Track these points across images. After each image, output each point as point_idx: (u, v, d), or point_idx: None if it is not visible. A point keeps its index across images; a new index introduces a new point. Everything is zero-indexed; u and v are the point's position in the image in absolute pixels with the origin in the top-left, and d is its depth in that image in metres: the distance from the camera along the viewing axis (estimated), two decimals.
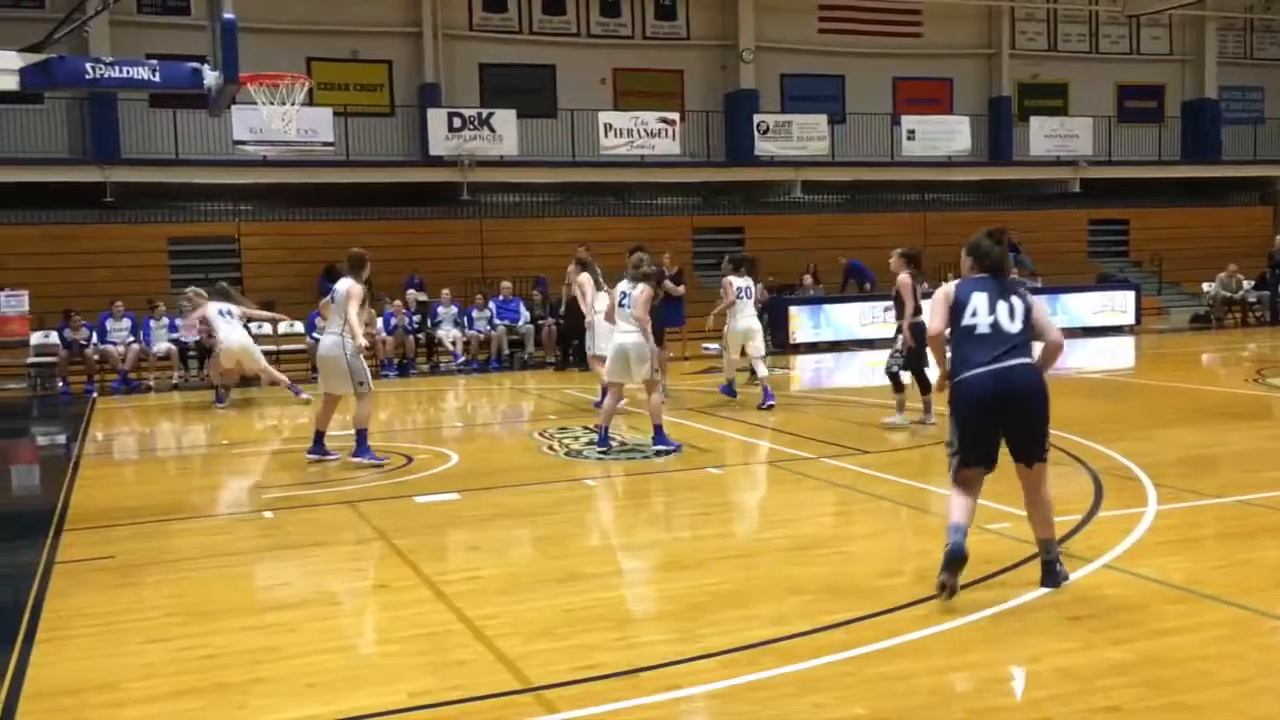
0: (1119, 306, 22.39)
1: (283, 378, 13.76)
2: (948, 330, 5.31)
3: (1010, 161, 27.16)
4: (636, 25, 25.47)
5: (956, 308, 5.25)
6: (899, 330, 10.80)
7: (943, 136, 25.77)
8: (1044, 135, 26.65)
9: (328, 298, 9.78)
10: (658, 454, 9.42)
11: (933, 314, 5.41)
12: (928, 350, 6.74)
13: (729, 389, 13.04)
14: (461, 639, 4.86)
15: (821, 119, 24.85)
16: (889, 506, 7.44)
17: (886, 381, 10.95)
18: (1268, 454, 9.08)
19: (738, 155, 25.02)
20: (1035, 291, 16.43)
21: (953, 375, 5.28)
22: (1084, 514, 6.71)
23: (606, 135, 23.38)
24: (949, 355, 5.34)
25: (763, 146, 24.53)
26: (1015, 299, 5.25)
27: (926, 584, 5.30)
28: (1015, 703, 4.17)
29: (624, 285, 9.68)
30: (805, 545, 6.48)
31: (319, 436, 9.58)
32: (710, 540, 6.70)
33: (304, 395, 12.70)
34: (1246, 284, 23.08)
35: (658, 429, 9.66)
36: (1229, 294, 22.90)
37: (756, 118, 24.68)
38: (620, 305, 9.65)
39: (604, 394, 10.30)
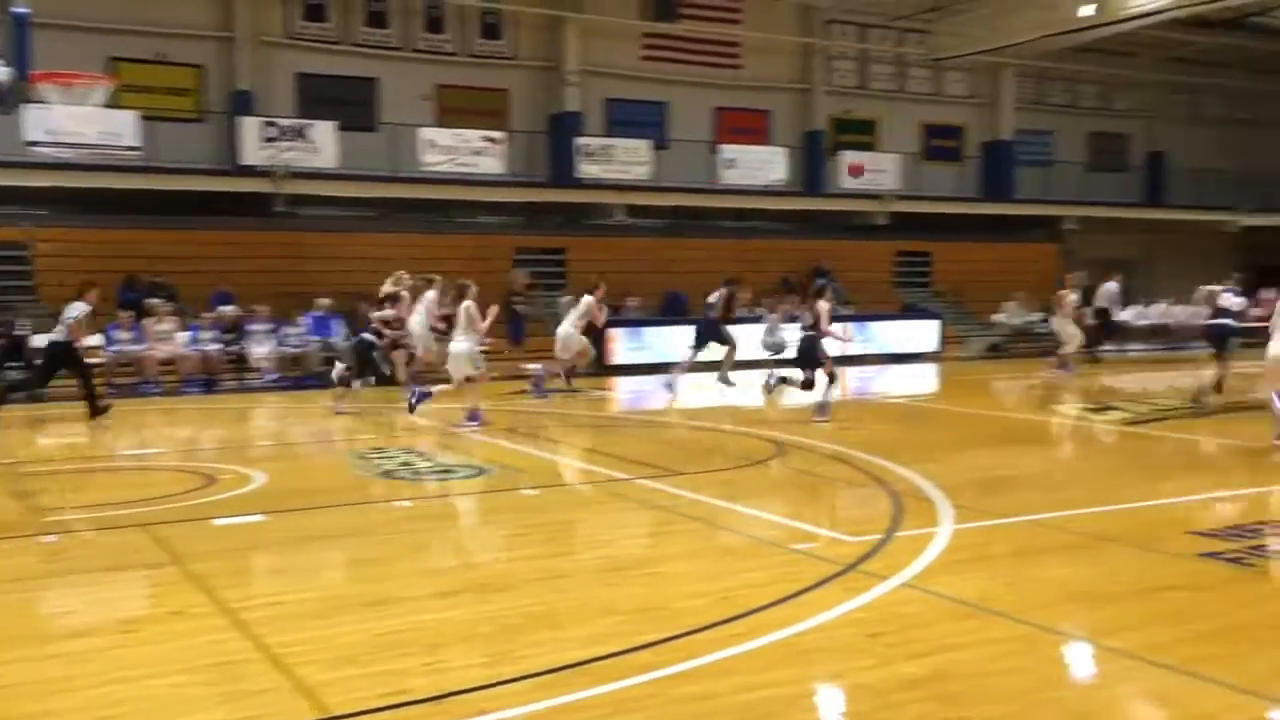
0: (922, 335, 23.48)
1: None
2: None
3: (823, 193, 28.16)
4: (461, 42, 25.29)
5: None
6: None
7: (761, 166, 26.52)
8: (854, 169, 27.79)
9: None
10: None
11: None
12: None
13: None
14: (258, 668, 4.67)
15: (645, 144, 25.20)
16: (701, 528, 7.56)
17: (703, 404, 11.17)
18: (1055, 476, 9.66)
19: (561, 177, 25.11)
20: (846, 319, 17.09)
21: None
22: (884, 533, 6.97)
23: (429, 151, 23.09)
24: None
25: (586, 169, 24.69)
26: None
27: (731, 604, 5.41)
28: (813, 719, 4.29)
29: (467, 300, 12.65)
30: (619, 566, 6.51)
31: None
32: (525, 562, 6.66)
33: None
34: (1035, 315, 24.62)
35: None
36: (1017, 323, 24.39)
37: (580, 140, 24.85)
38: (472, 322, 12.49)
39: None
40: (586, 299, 16.20)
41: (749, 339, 17.90)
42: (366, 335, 14.28)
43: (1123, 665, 4.75)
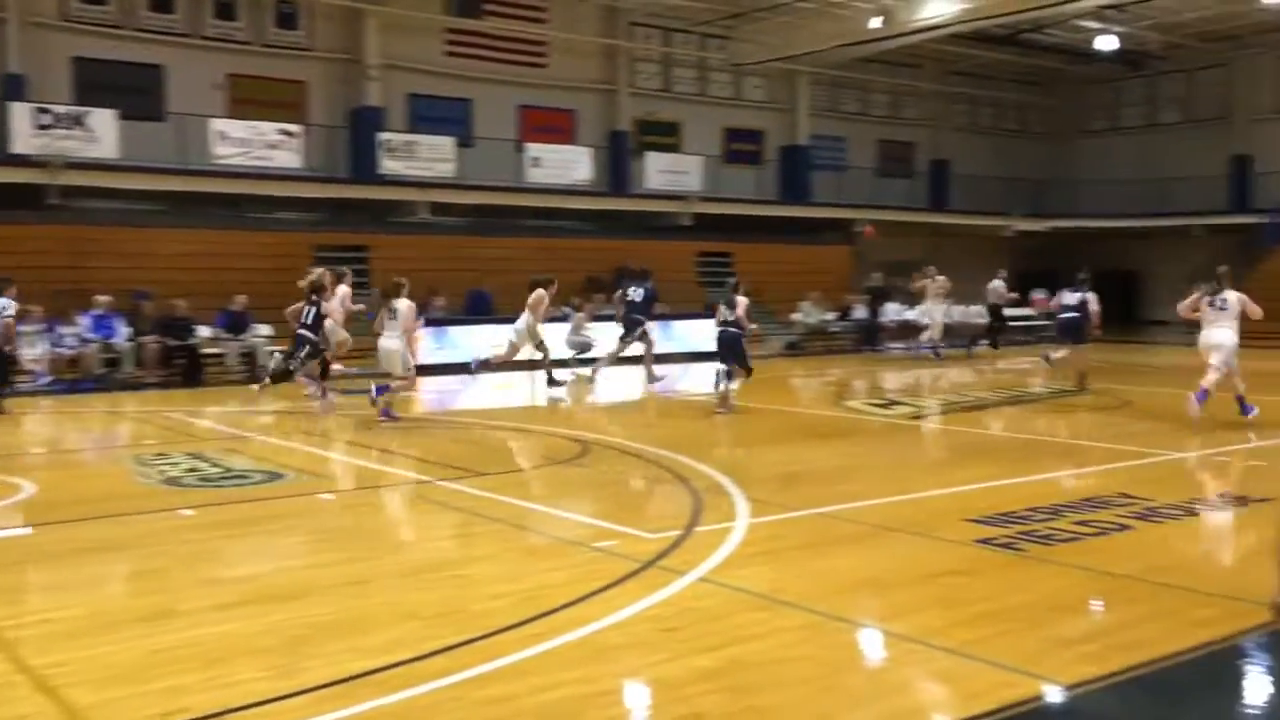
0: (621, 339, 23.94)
1: None
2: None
3: (628, 193, 28.47)
4: (254, 31, 24.34)
5: None
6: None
7: (566, 165, 26.60)
8: (658, 170, 28.21)
9: None
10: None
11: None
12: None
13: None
14: (21, 691, 4.35)
15: (449, 141, 24.87)
16: (504, 529, 7.49)
17: (511, 404, 11.09)
18: (846, 470, 10.03)
19: (363, 172, 24.51)
20: (655, 318, 17.31)
21: None
22: (683, 529, 7.08)
23: (221, 144, 22.13)
24: None
25: (389, 165, 24.18)
26: None
27: (532, 604, 5.39)
28: (610, 715, 4.31)
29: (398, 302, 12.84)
30: (418, 570, 6.39)
31: None
32: (318, 569, 6.45)
33: None
34: (830, 315, 25.59)
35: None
36: (813, 322, 25.30)
37: (382, 135, 24.31)
38: (392, 318, 12.76)
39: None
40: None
41: (557, 338, 17.94)
42: (302, 331, 13.65)
43: (904, 648, 4.97)
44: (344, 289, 14.53)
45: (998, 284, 24.45)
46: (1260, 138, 33.00)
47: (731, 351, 13.82)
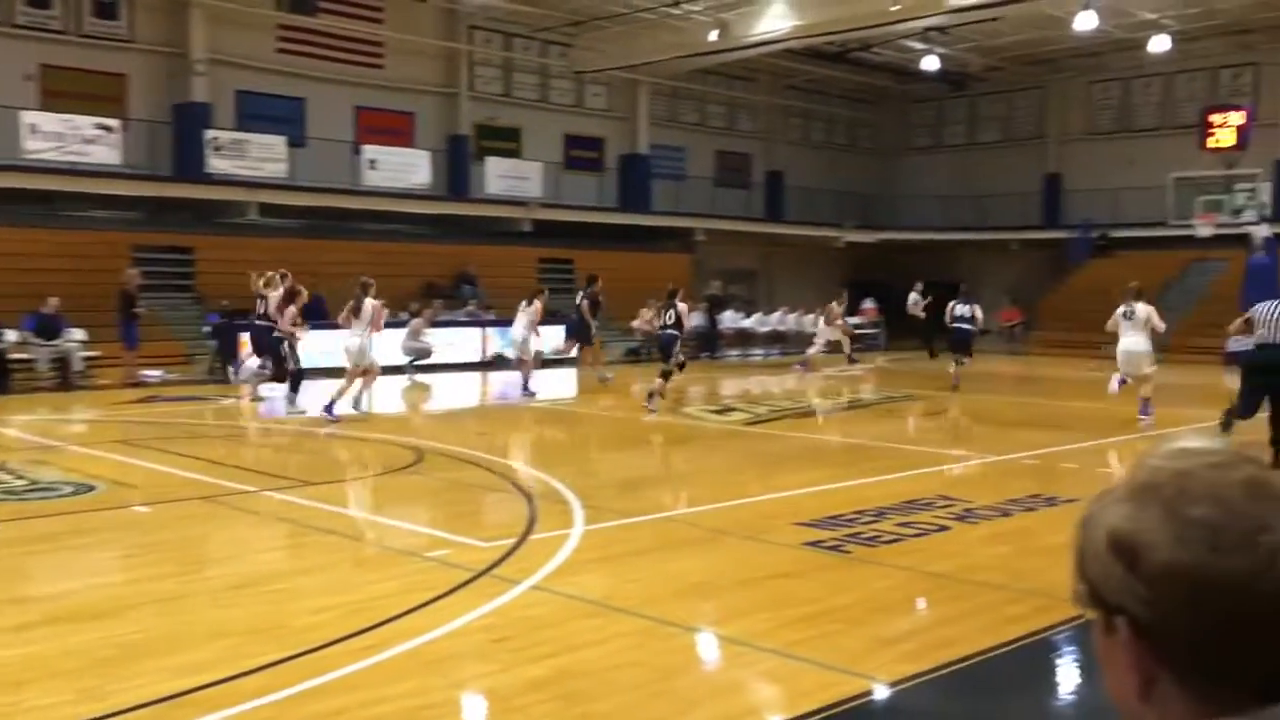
0: (565, 340, 23.96)
1: None
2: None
3: (468, 198, 28.16)
4: (70, 19, 23.08)
5: None
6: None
7: (404, 169, 26.13)
8: (499, 175, 28.01)
9: None
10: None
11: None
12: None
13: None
14: None
15: (280, 140, 24.10)
16: (333, 540, 7.29)
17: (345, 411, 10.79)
18: (682, 476, 10.15)
19: (188, 171, 23.51)
20: (490, 324, 17.21)
21: None
22: (518, 537, 7.02)
23: (32, 137, 20.90)
24: None
25: (216, 164, 23.27)
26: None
27: (361, 616, 5.25)
28: None
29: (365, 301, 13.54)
30: (239, 585, 6.13)
31: None
32: (129, 586, 6.14)
33: None
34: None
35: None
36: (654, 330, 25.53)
37: (209, 133, 23.39)
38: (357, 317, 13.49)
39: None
40: (537, 303, 17.45)
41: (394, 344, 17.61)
42: (278, 333, 14.69)
43: (734, 651, 5.04)
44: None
45: (914, 296, 25.35)
46: (1070, 158, 34.98)
47: (665, 352, 15.50)
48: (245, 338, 18.32)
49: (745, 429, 13.63)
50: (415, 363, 19.92)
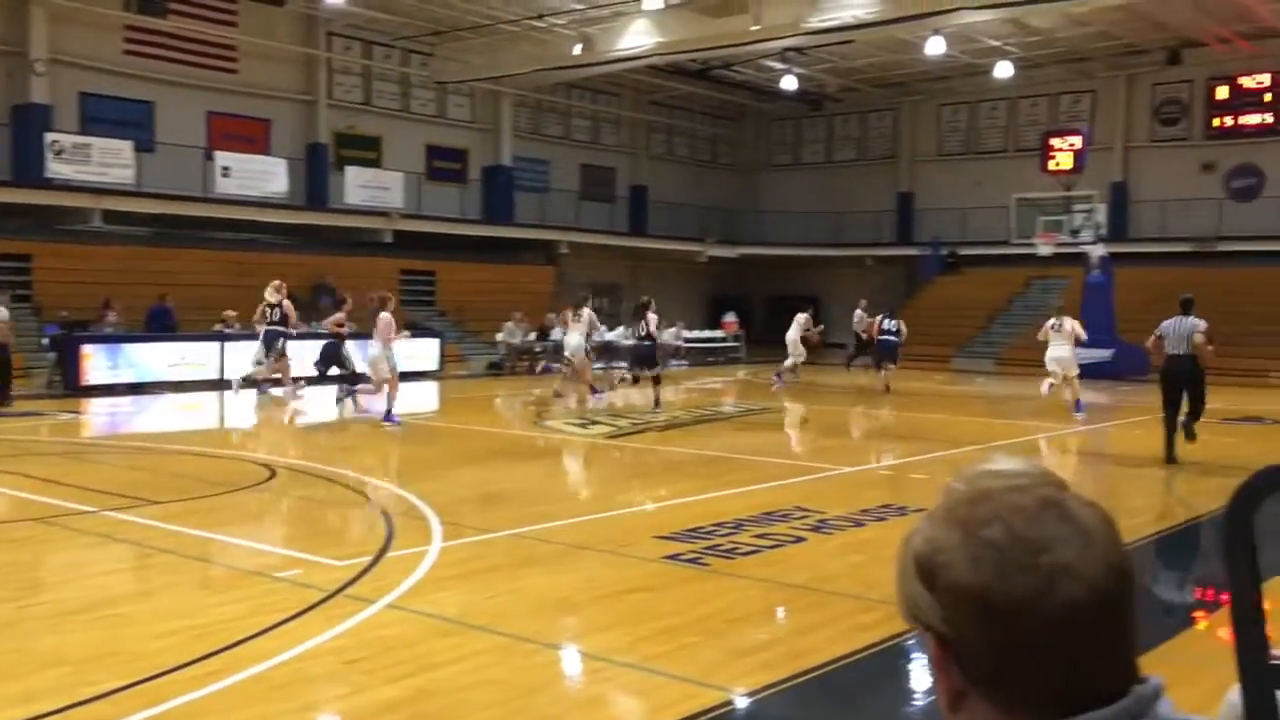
0: (424, 353, 23.65)
1: None
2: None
3: (327, 208, 27.54)
4: None
5: None
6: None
7: (260, 176, 25.38)
8: (359, 185, 27.48)
9: None
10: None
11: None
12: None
13: None
14: None
15: (127, 145, 23.15)
16: (176, 561, 6.99)
17: (194, 426, 10.39)
18: (543, 490, 10.08)
19: (26, 175, 22.37)
20: (355, 337, 16.86)
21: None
22: (373, 556, 6.87)
23: None
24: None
25: (56, 168, 22.21)
26: None
27: (205, 641, 5.05)
28: None
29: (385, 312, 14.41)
30: (73, 610, 5.83)
31: None
32: None
33: None
34: (533, 335, 25.81)
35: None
36: (517, 342, 25.43)
37: (50, 136, 22.31)
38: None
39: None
40: (586, 311, 17.70)
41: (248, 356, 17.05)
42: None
43: (592, 666, 5.02)
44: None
45: (859, 313, 25.68)
46: (922, 177, 36.23)
47: (647, 362, 16.78)
48: (88, 350, 17.50)
49: (607, 442, 13.65)
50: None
